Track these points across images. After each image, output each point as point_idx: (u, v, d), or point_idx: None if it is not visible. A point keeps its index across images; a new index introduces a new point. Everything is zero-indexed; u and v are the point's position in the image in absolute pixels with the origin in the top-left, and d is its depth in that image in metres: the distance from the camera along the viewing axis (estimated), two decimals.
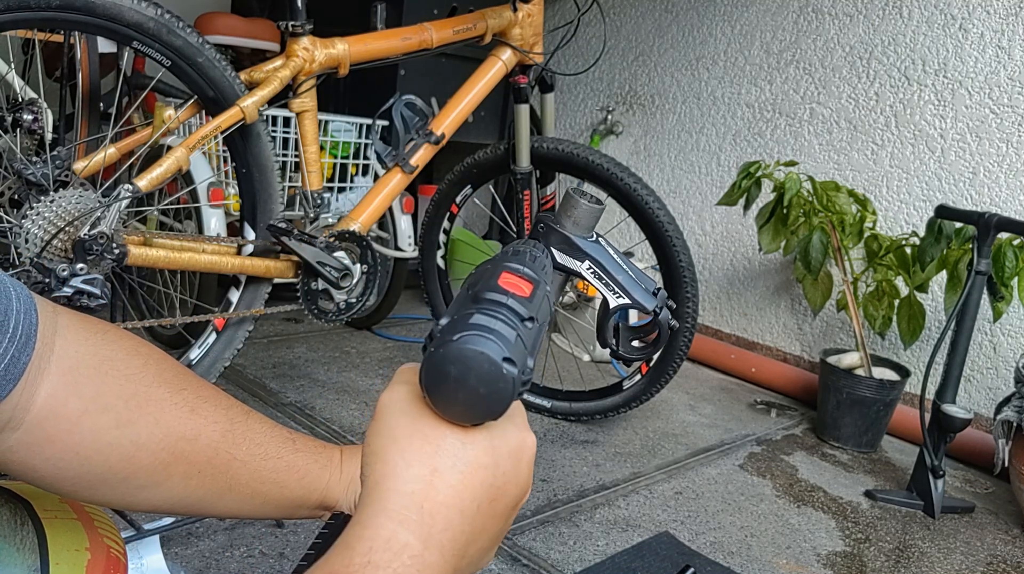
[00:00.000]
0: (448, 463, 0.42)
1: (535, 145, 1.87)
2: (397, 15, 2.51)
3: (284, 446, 0.57)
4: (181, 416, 0.52)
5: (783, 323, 2.56)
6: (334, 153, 2.33)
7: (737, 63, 2.64)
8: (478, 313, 0.41)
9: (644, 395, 1.91)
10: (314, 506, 0.60)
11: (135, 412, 0.49)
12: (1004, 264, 1.81)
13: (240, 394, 1.87)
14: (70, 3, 1.23)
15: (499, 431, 0.44)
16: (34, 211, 1.25)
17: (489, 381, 0.39)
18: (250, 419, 0.56)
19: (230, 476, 0.54)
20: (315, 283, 1.59)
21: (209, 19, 2.44)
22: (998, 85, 2.10)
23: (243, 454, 0.55)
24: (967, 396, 2.17)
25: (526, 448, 0.46)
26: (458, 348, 0.39)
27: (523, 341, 0.41)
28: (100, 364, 0.49)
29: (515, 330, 0.41)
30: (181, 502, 0.53)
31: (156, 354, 0.53)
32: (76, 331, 0.49)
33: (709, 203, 2.72)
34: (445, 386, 0.40)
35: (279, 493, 0.57)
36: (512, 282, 0.45)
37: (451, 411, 0.41)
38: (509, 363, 0.39)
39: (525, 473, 0.46)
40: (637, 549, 1.43)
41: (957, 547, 1.63)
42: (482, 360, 0.39)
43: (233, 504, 0.55)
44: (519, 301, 0.43)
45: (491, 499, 0.44)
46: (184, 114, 1.48)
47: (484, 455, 0.43)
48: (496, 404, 0.40)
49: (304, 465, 0.58)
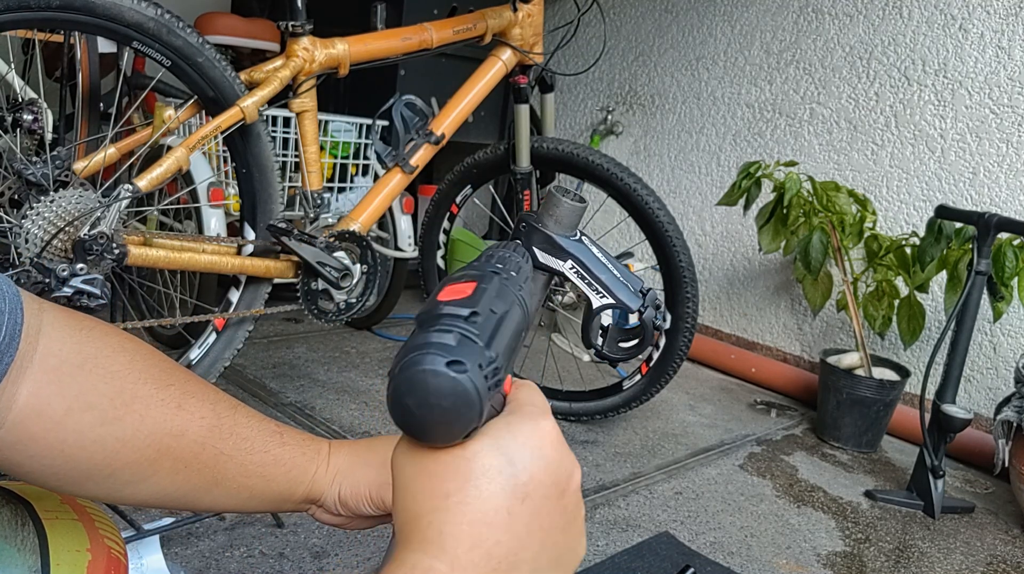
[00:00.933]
0: (457, 485, 0.40)
1: (535, 145, 1.87)
2: (397, 15, 2.51)
3: (272, 440, 0.57)
4: (167, 412, 0.52)
5: (783, 323, 2.56)
6: (334, 153, 2.33)
7: (737, 63, 2.64)
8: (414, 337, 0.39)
9: (644, 395, 1.91)
10: (300, 499, 0.60)
11: (120, 410, 0.49)
12: (1004, 264, 1.81)
13: (240, 394, 1.87)
14: (70, 3, 1.23)
15: (503, 429, 0.42)
16: (34, 211, 1.25)
17: (446, 393, 0.37)
18: (237, 413, 0.56)
19: (217, 471, 0.54)
20: (315, 283, 1.59)
21: (209, 19, 2.44)
22: (998, 85, 2.10)
23: (230, 449, 0.55)
24: (967, 396, 2.17)
25: (544, 433, 0.43)
26: (403, 378, 0.37)
27: (470, 338, 0.39)
28: (84, 362, 0.49)
29: (452, 331, 0.39)
30: (168, 496, 0.53)
31: (143, 350, 0.53)
32: (61, 329, 0.49)
33: (709, 203, 2.72)
34: (412, 418, 0.38)
35: (265, 486, 0.57)
36: (450, 291, 0.43)
37: (435, 437, 0.40)
38: (456, 365, 0.37)
39: (555, 458, 0.43)
40: (637, 549, 1.43)
41: (957, 547, 1.63)
42: (427, 376, 0.37)
43: (220, 498, 0.56)
44: (455, 304, 0.41)
45: (522, 498, 0.41)
46: (184, 114, 1.48)
47: (492, 459, 0.41)
48: (467, 409, 0.38)
49: (291, 458, 0.58)
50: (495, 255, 0.49)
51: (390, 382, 0.38)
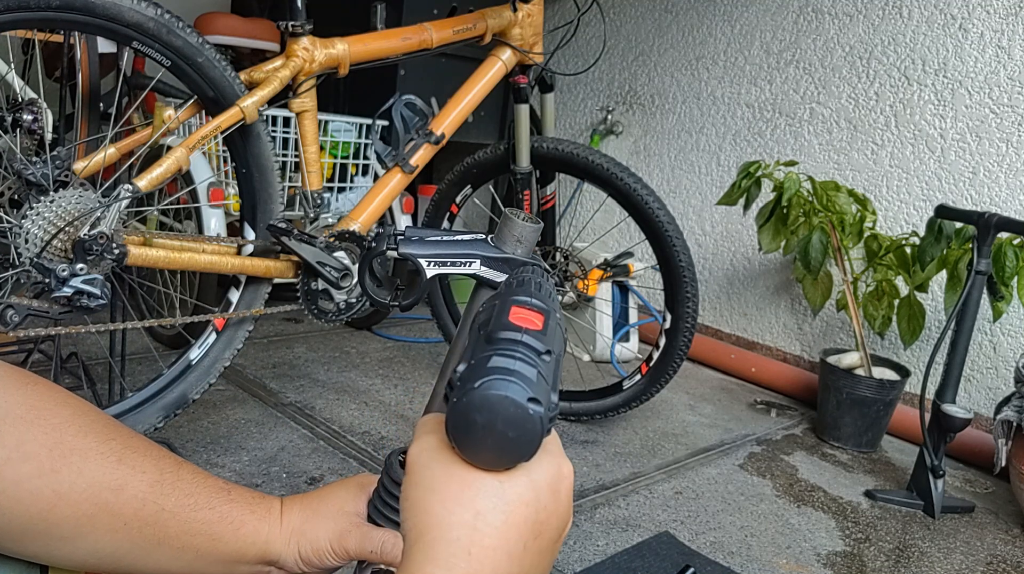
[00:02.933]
0: (490, 505, 0.41)
1: (535, 145, 1.87)
2: (397, 15, 2.51)
3: (217, 496, 0.56)
4: (107, 466, 0.51)
5: (783, 323, 2.56)
6: (334, 153, 2.33)
7: (737, 63, 2.64)
8: (496, 355, 0.40)
9: (644, 395, 1.91)
10: (254, 561, 0.58)
11: (58, 461, 0.48)
12: (1004, 264, 1.81)
13: (240, 394, 1.87)
14: (70, 3, 1.23)
15: (536, 464, 0.43)
16: (34, 211, 1.25)
17: (517, 424, 0.38)
18: (182, 469, 0.55)
19: (158, 528, 0.52)
20: (315, 283, 1.59)
21: (209, 19, 2.44)
22: (998, 85, 2.10)
23: (172, 505, 0.53)
24: (967, 396, 2.17)
25: (564, 477, 0.45)
26: (482, 395, 0.38)
27: (544, 377, 0.40)
28: (27, 413, 0.48)
29: (535, 367, 0.40)
30: (109, 557, 0.52)
31: (86, 406, 0.53)
32: (7, 380, 0.49)
33: (709, 203, 2.72)
34: (473, 435, 0.39)
35: (212, 546, 0.55)
36: (523, 316, 0.44)
37: (482, 458, 0.41)
38: (535, 403, 0.38)
39: (565, 503, 0.45)
40: (637, 549, 1.43)
41: (957, 547, 1.63)
42: (507, 404, 0.38)
43: (164, 560, 0.54)
44: (533, 336, 0.42)
45: (536, 535, 0.43)
46: (184, 114, 1.48)
47: (525, 492, 0.42)
48: (526, 446, 0.40)
49: (239, 516, 0.57)
50: (544, 287, 0.50)
51: (461, 393, 0.39)
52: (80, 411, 0.52)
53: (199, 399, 1.54)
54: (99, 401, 1.63)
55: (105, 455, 0.51)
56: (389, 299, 0.62)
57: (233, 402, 1.82)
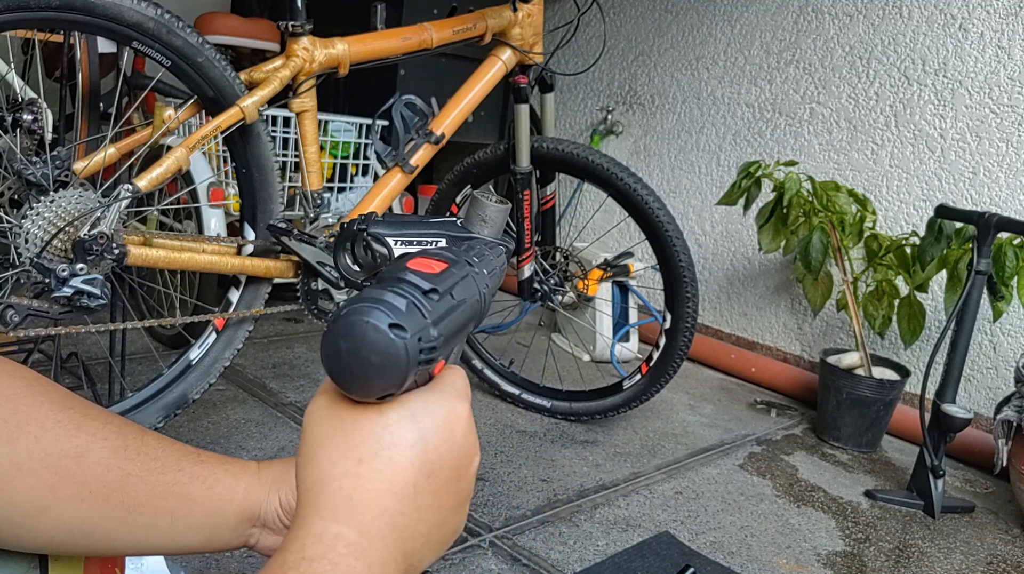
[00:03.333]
0: (371, 450, 0.42)
1: (535, 145, 1.87)
2: (397, 15, 2.51)
3: (186, 458, 0.55)
4: (65, 433, 0.49)
5: (783, 323, 2.56)
6: (334, 153, 2.33)
7: (737, 63, 2.64)
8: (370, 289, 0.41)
9: (644, 395, 1.91)
10: (234, 522, 0.56)
11: (14, 432, 0.47)
12: (1004, 264, 1.81)
13: (240, 394, 1.87)
14: (70, 3, 1.23)
15: (421, 405, 0.43)
16: (34, 211, 1.24)
17: (378, 350, 0.39)
18: (146, 435, 0.54)
19: (126, 495, 0.51)
20: (315, 283, 1.59)
21: (209, 19, 2.44)
22: (998, 85, 2.10)
23: (138, 469, 0.52)
24: (967, 396, 2.17)
25: (457, 417, 0.45)
26: (345, 321, 0.39)
27: (421, 310, 0.41)
28: None
29: (407, 298, 0.40)
30: (79, 530, 0.50)
31: (42, 379, 0.52)
32: None
33: (709, 203, 2.72)
34: (341, 361, 0.39)
35: (187, 509, 0.53)
36: (422, 263, 0.45)
37: (353, 387, 0.41)
38: (398, 329, 0.39)
39: (462, 442, 0.45)
40: (637, 549, 1.43)
41: (957, 547, 1.63)
42: (367, 329, 0.38)
43: (138, 530, 0.52)
44: (421, 276, 0.43)
45: (427, 475, 0.43)
46: (184, 114, 1.48)
47: (408, 433, 0.42)
48: (391, 372, 0.39)
49: (211, 474, 0.55)
50: (476, 248, 0.52)
51: (332, 321, 0.40)
52: (35, 382, 0.51)
53: (199, 399, 1.54)
54: (99, 401, 1.63)
55: (63, 423, 0.50)
56: (362, 280, 0.64)
57: (233, 402, 1.82)
